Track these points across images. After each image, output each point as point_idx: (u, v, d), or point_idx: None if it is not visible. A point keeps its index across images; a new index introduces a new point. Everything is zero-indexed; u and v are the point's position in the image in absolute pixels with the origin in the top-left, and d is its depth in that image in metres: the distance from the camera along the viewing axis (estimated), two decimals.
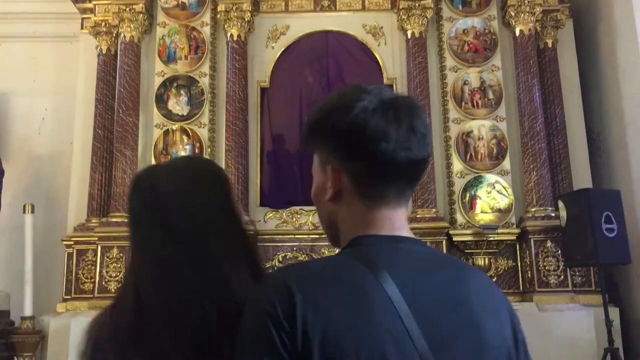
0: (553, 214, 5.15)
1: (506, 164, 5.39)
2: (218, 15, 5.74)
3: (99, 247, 5.22)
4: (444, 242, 5.20)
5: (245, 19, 5.68)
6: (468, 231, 5.25)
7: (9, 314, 5.35)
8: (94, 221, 5.41)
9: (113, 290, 5.01)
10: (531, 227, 5.18)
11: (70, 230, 5.52)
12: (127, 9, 5.66)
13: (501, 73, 5.58)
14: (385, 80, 5.69)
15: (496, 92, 5.52)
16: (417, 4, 5.59)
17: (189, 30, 5.72)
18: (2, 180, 5.32)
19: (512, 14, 5.60)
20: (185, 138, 5.53)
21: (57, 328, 5.00)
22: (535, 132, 5.35)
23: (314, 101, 5.67)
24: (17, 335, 5.07)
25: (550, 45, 5.74)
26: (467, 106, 5.53)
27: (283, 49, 5.86)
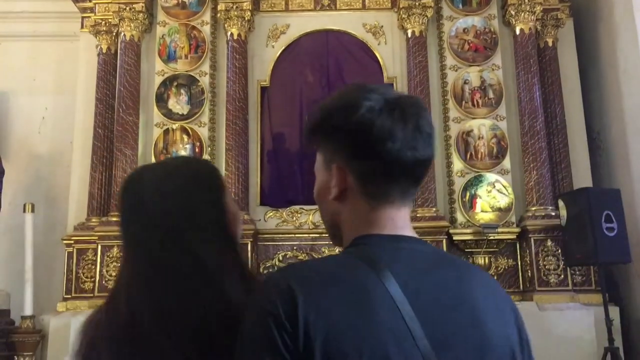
0: (553, 213, 5.15)
1: (506, 163, 5.39)
2: (218, 14, 5.74)
3: (99, 246, 5.22)
4: (444, 241, 5.20)
5: (246, 18, 5.68)
6: (468, 230, 5.25)
7: (9, 313, 5.36)
8: (94, 220, 5.40)
9: None
10: (531, 226, 5.18)
11: (70, 229, 5.52)
12: (127, 8, 5.66)
13: (501, 72, 5.58)
14: (385, 80, 5.69)
15: (496, 91, 5.52)
16: (417, 3, 5.59)
17: (189, 29, 5.72)
18: (3, 180, 5.31)
19: (513, 12, 5.60)
20: (185, 137, 5.53)
21: (57, 327, 5.00)
22: (535, 131, 5.35)
23: (314, 100, 5.67)
24: (18, 335, 5.07)
25: (550, 44, 5.74)
26: (468, 105, 5.53)
27: (283, 48, 5.86)
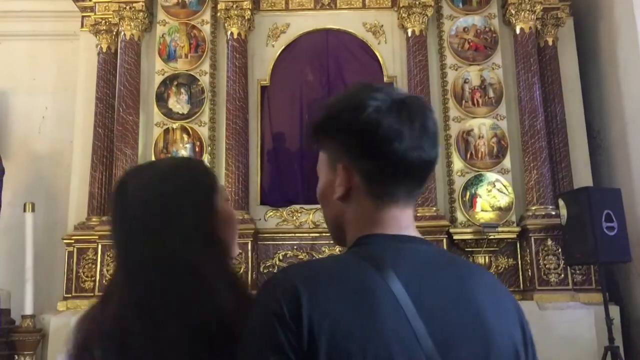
0: (553, 213, 5.15)
1: (506, 162, 5.38)
2: (218, 14, 5.73)
3: (100, 246, 5.22)
4: (444, 240, 5.19)
5: (246, 17, 5.67)
6: (468, 229, 5.25)
7: (9, 313, 5.35)
8: (94, 220, 5.40)
9: None
10: (531, 226, 5.18)
11: (70, 228, 5.52)
12: (127, 7, 5.65)
13: (501, 71, 5.57)
14: (385, 79, 5.69)
15: (496, 91, 5.52)
16: (417, 2, 5.58)
17: (189, 29, 5.71)
18: (3, 179, 5.31)
19: (513, 12, 5.59)
20: (185, 137, 5.53)
21: (57, 326, 5.00)
22: (535, 131, 5.35)
23: (315, 99, 5.67)
24: (18, 334, 5.07)
25: (550, 43, 5.74)
26: (468, 104, 5.52)
27: (283, 47, 5.86)
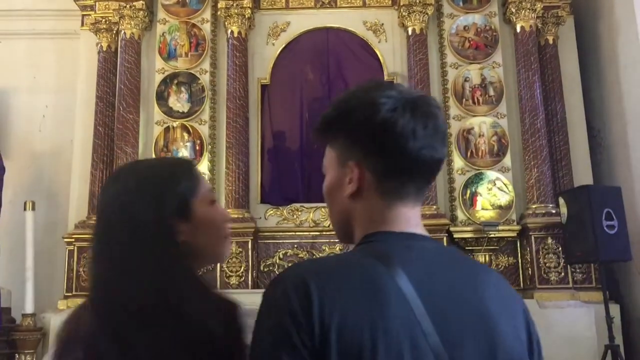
0: (554, 211, 5.15)
1: (507, 160, 5.38)
2: (218, 12, 5.73)
3: None
4: (445, 239, 5.19)
5: (246, 16, 5.67)
6: (469, 228, 5.25)
7: (10, 311, 5.35)
8: (94, 218, 5.36)
9: None
10: (532, 224, 5.18)
11: (71, 227, 5.52)
12: (127, 6, 5.65)
13: (502, 70, 5.57)
14: (385, 77, 5.68)
15: (497, 89, 5.51)
16: (417, 1, 5.58)
17: (189, 27, 5.71)
18: (3, 178, 5.31)
19: (513, 10, 5.59)
20: (185, 135, 5.53)
21: (58, 325, 4.95)
22: (536, 129, 5.35)
23: (315, 98, 5.69)
24: (18, 333, 5.07)
25: (551, 42, 5.73)
26: (468, 103, 5.52)
27: (283, 45, 5.86)
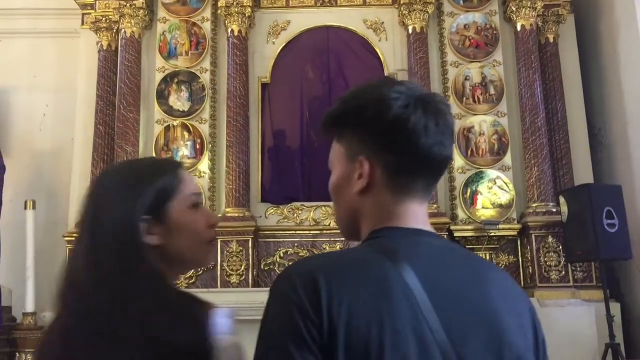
0: (554, 209, 5.15)
1: (507, 159, 5.38)
2: (218, 11, 5.73)
3: None
4: (445, 237, 5.19)
5: (246, 14, 5.67)
6: (469, 227, 5.25)
7: (10, 310, 5.35)
8: None
9: None
10: (532, 223, 5.18)
11: (71, 226, 5.51)
12: (127, 5, 5.65)
13: (502, 68, 5.57)
14: None
15: (497, 88, 5.51)
16: None
17: (189, 26, 5.71)
18: (4, 177, 5.31)
19: (513, 8, 5.58)
20: (186, 134, 5.53)
21: None
22: (536, 128, 5.35)
23: (315, 97, 5.69)
24: (19, 331, 5.07)
25: (551, 40, 5.73)
26: (468, 101, 5.52)
27: (284, 44, 5.86)
